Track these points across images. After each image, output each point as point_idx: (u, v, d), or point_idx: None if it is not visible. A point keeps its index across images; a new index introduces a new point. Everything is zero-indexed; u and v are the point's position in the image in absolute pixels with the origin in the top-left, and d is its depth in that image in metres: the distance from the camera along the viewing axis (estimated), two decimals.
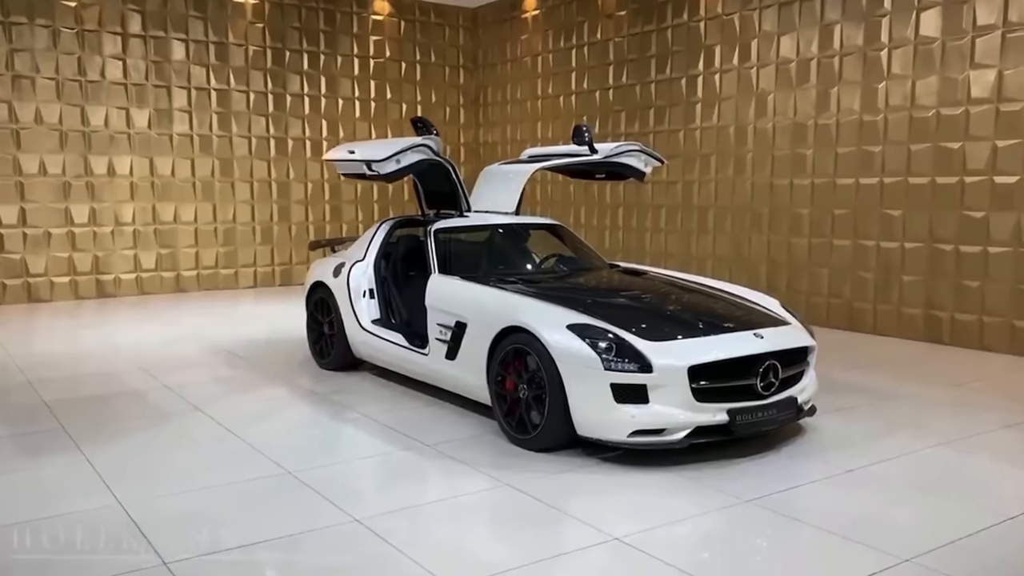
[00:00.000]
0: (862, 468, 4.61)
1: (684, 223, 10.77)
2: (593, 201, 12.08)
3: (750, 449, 4.84)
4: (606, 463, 4.65)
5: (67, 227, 11.14)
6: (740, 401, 4.65)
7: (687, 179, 10.67)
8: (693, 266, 10.57)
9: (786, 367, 4.86)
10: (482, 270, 6.07)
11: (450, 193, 6.60)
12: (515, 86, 13.44)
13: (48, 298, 11.03)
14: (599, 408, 4.54)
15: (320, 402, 5.94)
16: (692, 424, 4.55)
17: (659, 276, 6.20)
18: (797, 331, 5.17)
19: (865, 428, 5.35)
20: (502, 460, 4.72)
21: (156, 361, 7.25)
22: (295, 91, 12.63)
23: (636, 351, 4.53)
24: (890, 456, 4.80)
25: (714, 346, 4.68)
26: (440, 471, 4.59)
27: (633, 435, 4.51)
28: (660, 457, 4.64)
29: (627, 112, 11.43)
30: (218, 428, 5.27)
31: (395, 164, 5.87)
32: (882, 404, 5.96)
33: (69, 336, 8.53)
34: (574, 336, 4.61)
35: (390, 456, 4.81)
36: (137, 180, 11.55)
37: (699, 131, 10.49)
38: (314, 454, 4.82)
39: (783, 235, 9.61)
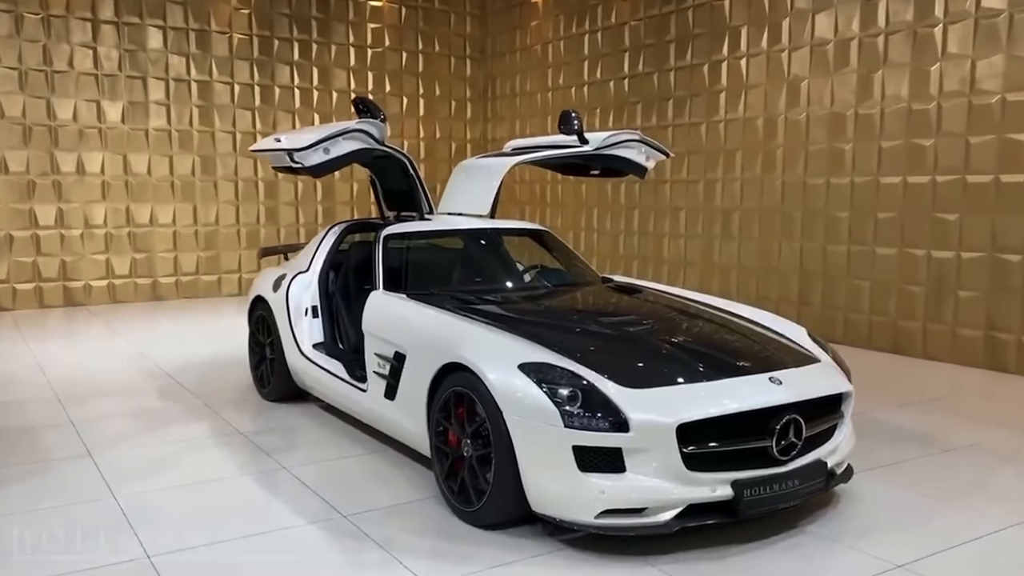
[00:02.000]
0: (916, 562, 3.42)
1: (706, 228, 9.56)
2: (607, 203, 10.92)
3: (763, 530, 3.67)
4: (570, 549, 3.51)
5: (31, 229, 10.25)
6: (749, 469, 3.48)
7: (709, 178, 9.46)
8: (715, 276, 9.37)
9: (812, 422, 3.69)
10: (439, 286, 4.95)
11: (408, 192, 5.52)
12: (524, 77, 12.32)
13: (10, 306, 10.15)
14: (558, 478, 3.41)
15: (239, 447, 4.87)
16: (683, 501, 3.40)
17: (658, 295, 5.04)
18: (828, 372, 3.99)
19: (916, 497, 4.14)
20: (434, 542, 3.61)
21: (79, 386, 6.26)
22: (284, 83, 11.64)
23: (608, 402, 3.39)
24: (954, 542, 3.60)
25: (715, 396, 3.52)
26: (344, 559, 3.48)
27: (604, 515, 3.37)
28: (642, 543, 3.49)
29: (644, 103, 10.25)
30: (97, 484, 4.23)
31: (322, 154, 4.79)
32: (935, 458, 4.75)
33: (1, 352, 7.58)
34: (527, 379, 3.48)
35: (287, 534, 3.70)
36: (109, 179, 10.63)
37: (723, 124, 9.27)
38: (195, 527, 3.74)
39: (818, 242, 8.36)
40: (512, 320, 4.18)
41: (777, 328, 4.42)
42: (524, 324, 4.13)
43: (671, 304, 4.77)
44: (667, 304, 4.75)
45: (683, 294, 5.04)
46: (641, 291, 5.10)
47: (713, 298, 4.97)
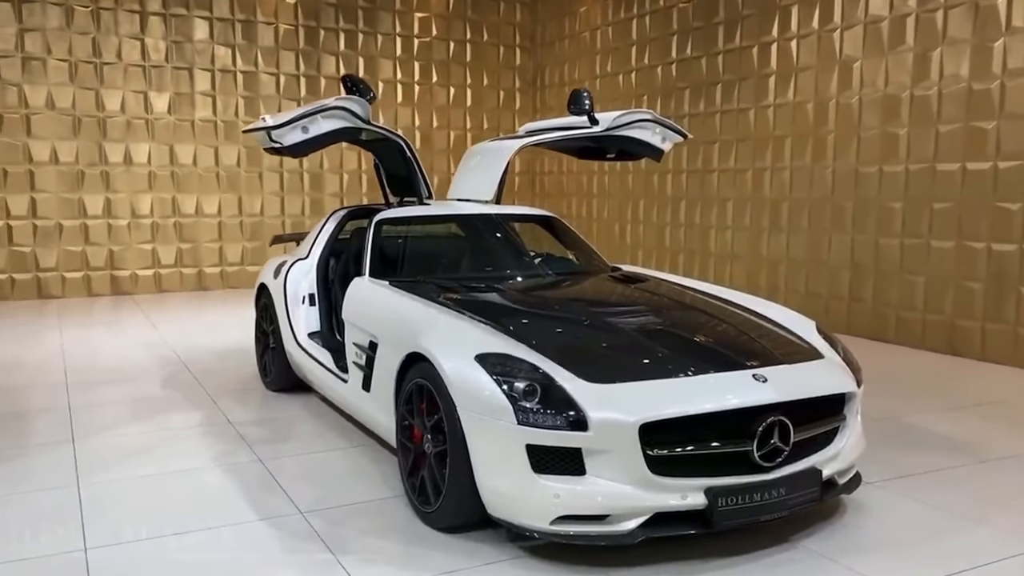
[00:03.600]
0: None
1: (754, 219, 9.07)
2: (653, 194, 10.50)
3: (749, 543, 3.31)
4: (528, 558, 3.22)
5: (80, 219, 10.42)
6: (727, 476, 3.12)
7: (758, 167, 8.97)
8: (763, 271, 8.88)
9: (805, 425, 3.31)
10: (428, 274, 4.70)
11: (406, 176, 5.29)
12: (573, 66, 11.98)
13: (59, 294, 10.35)
14: (511, 479, 3.12)
15: (223, 437, 4.72)
16: (649, 509, 3.07)
17: (660, 285, 4.68)
18: (829, 370, 3.59)
19: (934, 512, 3.70)
20: (385, 544, 3.36)
21: (92, 373, 6.24)
22: (330, 73, 11.57)
23: (567, 398, 3.08)
24: (966, 565, 3.17)
25: (688, 393, 3.17)
26: (284, 560, 3.26)
27: (559, 522, 3.06)
28: (606, 553, 3.17)
29: (691, 89, 9.80)
30: (67, 472, 4.13)
31: (300, 133, 4.59)
32: (968, 469, 4.27)
33: (32, 338, 7.67)
34: (482, 371, 3.20)
35: (235, 530, 3.50)
36: (155, 169, 10.74)
37: (772, 109, 8.77)
38: (144, 520, 3.57)
39: (870, 234, 7.81)
40: (487, 308, 3.90)
41: (783, 322, 4.02)
42: (500, 313, 3.85)
43: (669, 295, 4.41)
44: (664, 295, 4.39)
45: (691, 285, 4.67)
46: (645, 280, 4.74)
47: (723, 289, 4.59)
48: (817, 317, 8.18)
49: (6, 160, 9.98)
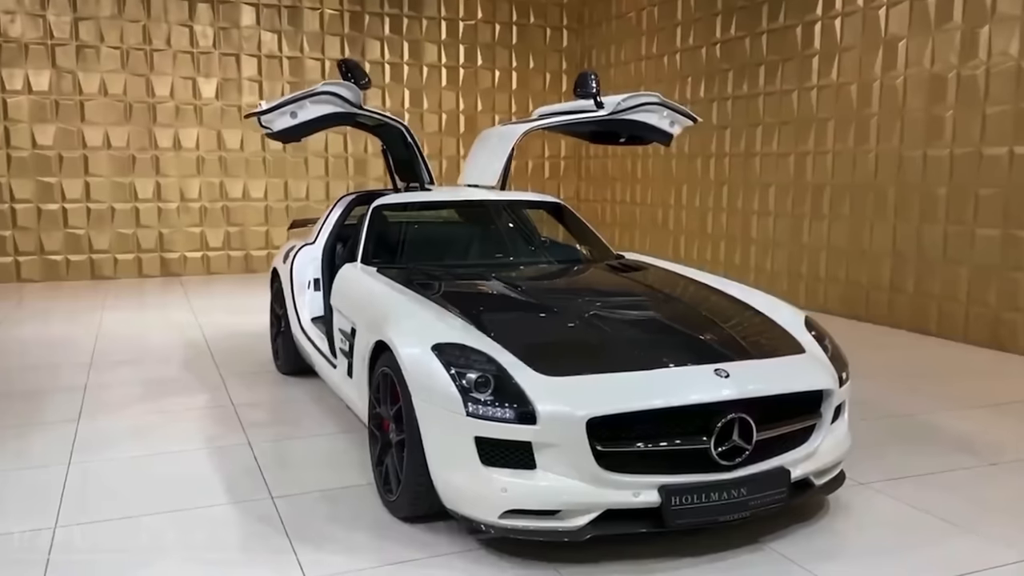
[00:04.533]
0: None
1: (795, 205, 8.77)
2: (696, 178, 10.26)
3: (714, 543, 3.20)
4: (481, 551, 3.18)
5: (131, 202, 10.74)
6: (683, 473, 3.01)
7: (800, 150, 8.66)
8: (804, 259, 8.60)
9: (773, 423, 3.16)
10: (420, 260, 4.67)
11: (408, 161, 5.26)
12: (619, 47, 11.76)
13: (112, 275, 10.70)
14: (461, 471, 3.07)
15: (220, 419, 4.80)
16: (599, 506, 2.98)
17: (661, 274, 4.55)
18: (806, 366, 3.42)
19: (924, 516, 3.51)
20: (344, 532, 3.35)
21: (118, 353, 6.43)
22: (374, 58, 11.63)
23: (518, 391, 3.01)
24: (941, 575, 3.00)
25: (642, 387, 3.06)
26: (238, 544, 3.27)
27: (508, 516, 3.00)
28: (563, 550, 3.10)
29: (735, 70, 9.52)
30: (62, 451, 4.25)
31: (289, 119, 4.58)
32: (976, 472, 4.04)
33: (75, 318, 7.94)
34: (436, 361, 3.15)
35: (201, 513, 3.53)
36: (204, 154, 10.98)
37: (815, 90, 8.45)
38: (118, 500, 3.64)
39: (912, 222, 7.47)
40: (461, 297, 3.86)
41: (772, 314, 3.85)
42: (472, 302, 3.80)
43: (658, 285, 4.26)
44: (652, 285, 4.24)
45: (690, 274, 4.49)
46: (641, 269, 4.61)
47: (721, 280, 4.39)
48: (857, 308, 7.93)
49: (62, 145, 10.33)
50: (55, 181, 10.36)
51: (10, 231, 10.24)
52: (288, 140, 4.78)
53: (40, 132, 10.23)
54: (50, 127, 10.26)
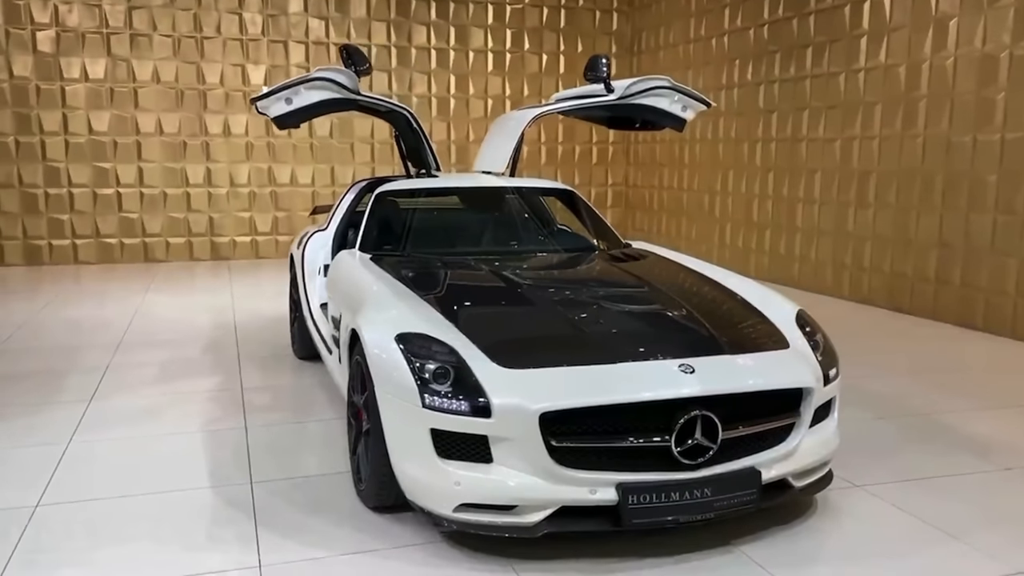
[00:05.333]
0: None
1: (841, 192, 8.45)
2: (743, 164, 9.98)
3: (682, 544, 3.10)
4: (441, 543, 3.14)
5: (182, 187, 11.00)
6: (643, 471, 2.92)
7: (847, 135, 8.34)
8: (848, 249, 8.30)
9: (743, 421, 3.04)
10: (419, 248, 4.63)
11: (415, 148, 5.22)
12: (668, 29, 11.50)
13: (164, 258, 11.00)
14: (418, 463, 3.03)
15: (225, 403, 4.87)
16: (554, 502, 2.91)
17: (659, 265, 4.41)
18: (785, 363, 3.27)
19: (915, 523, 3.33)
20: (311, 520, 3.35)
21: (147, 335, 6.60)
22: (420, 44, 11.63)
23: (475, 382, 2.95)
24: None
25: (600, 382, 2.97)
26: (204, 528, 3.30)
27: (463, 509, 2.95)
28: (518, 543, 3.04)
29: (782, 52, 9.20)
30: (66, 430, 4.38)
31: (284, 104, 4.57)
32: (984, 477, 3.82)
33: (117, 299, 8.18)
34: (397, 350, 3.11)
35: (178, 496, 3.58)
36: (252, 140, 11.17)
37: (863, 73, 8.11)
38: (105, 480, 3.73)
39: (960, 211, 7.12)
40: (441, 286, 3.81)
41: (762, 307, 3.69)
42: (451, 291, 3.76)
43: (648, 276, 4.11)
44: (642, 276, 4.08)
45: (691, 265, 4.33)
46: (640, 259, 4.49)
47: (721, 271, 4.22)
48: (901, 300, 7.61)
49: (116, 131, 10.64)
50: (110, 166, 10.69)
51: (67, 215, 10.61)
52: (286, 126, 4.79)
53: (96, 119, 10.55)
54: (105, 114, 10.57)
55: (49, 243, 10.62)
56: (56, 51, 10.34)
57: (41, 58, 10.30)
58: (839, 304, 8.21)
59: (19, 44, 10.21)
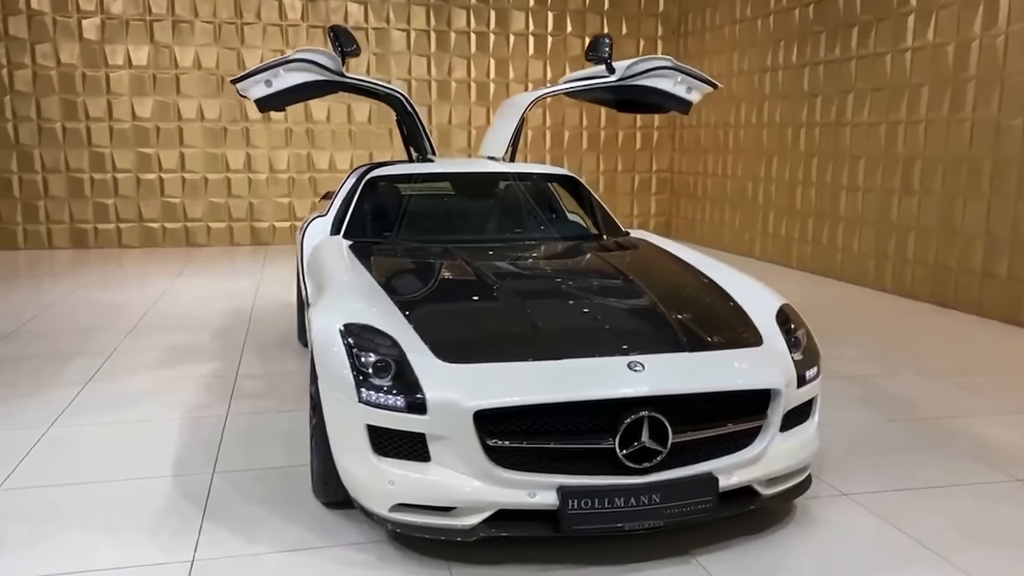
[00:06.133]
0: None
1: (885, 179, 8.03)
2: (786, 149, 9.59)
3: (635, 551, 2.91)
4: (385, 544, 3.02)
5: (223, 173, 11.12)
6: (586, 475, 2.74)
7: (892, 119, 7.91)
8: (892, 239, 7.89)
9: (700, 423, 2.83)
10: (403, 235, 4.50)
11: (411, 132, 5.09)
12: (715, 10, 11.12)
13: (205, 243, 11.15)
14: (355, 460, 2.91)
15: (215, 389, 4.84)
16: (490, 505, 2.76)
17: (650, 253, 4.20)
18: (754, 362, 3.04)
19: (898, 536, 3.08)
20: (260, 513, 3.27)
21: (162, 319, 6.65)
22: (460, 27, 11.50)
23: (413, 377, 2.81)
24: None
25: (542, 379, 2.79)
26: (149, 519, 3.24)
27: (398, 509, 2.83)
28: (457, 546, 2.90)
29: (827, 32, 8.78)
30: (51, 414, 4.40)
31: (264, 87, 4.48)
32: (988, 488, 3.52)
33: (145, 283, 8.29)
34: (340, 342, 2.99)
35: (136, 485, 3.54)
36: (292, 125, 11.21)
37: (909, 52, 7.67)
38: (73, 465, 3.71)
39: (1008, 199, 6.67)
40: (404, 275, 3.69)
41: (746, 303, 3.43)
42: (412, 280, 3.64)
43: (628, 268, 3.88)
44: (621, 267, 3.84)
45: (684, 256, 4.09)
46: (633, 248, 4.28)
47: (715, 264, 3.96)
48: (945, 294, 7.19)
49: (159, 117, 10.80)
50: (153, 152, 10.86)
51: (112, 199, 10.83)
52: (268, 108, 4.70)
53: (139, 105, 10.72)
54: (148, 100, 10.73)
55: (94, 227, 10.85)
56: (101, 38, 10.53)
57: (87, 45, 10.50)
58: (880, 298, 7.81)
59: (66, 32, 10.42)
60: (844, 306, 7.45)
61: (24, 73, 10.40)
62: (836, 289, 8.26)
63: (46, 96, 10.48)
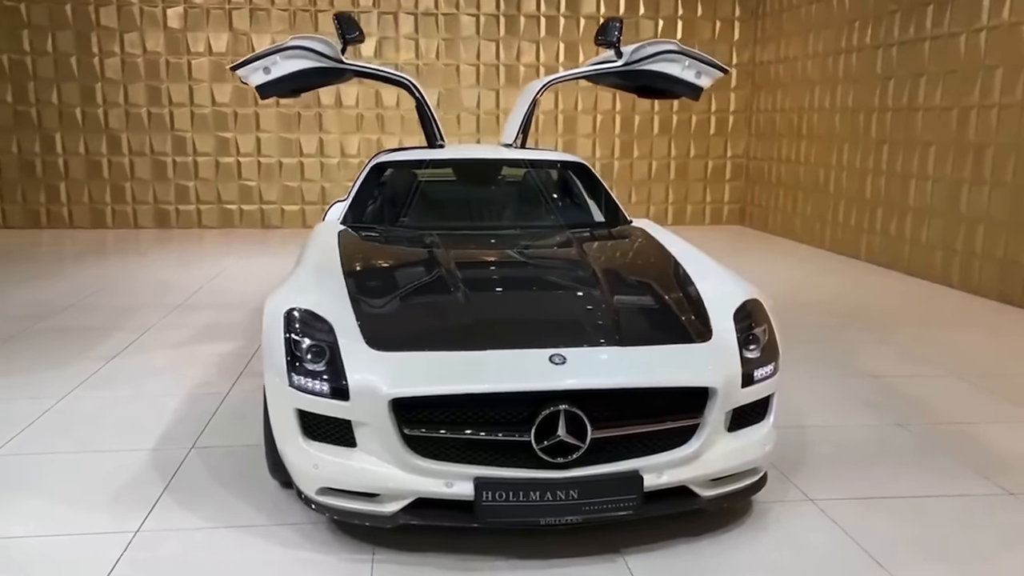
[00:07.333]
0: None
1: (955, 168, 7.56)
2: (858, 135, 9.14)
3: (565, 546, 2.86)
4: (323, 526, 3.06)
5: (297, 157, 11.44)
6: (503, 467, 2.71)
7: (964, 104, 7.43)
8: (960, 232, 7.45)
9: (628, 420, 2.76)
10: (404, 222, 4.53)
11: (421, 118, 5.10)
12: None
13: (279, 225, 11.52)
14: (287, 442, 2.97)
15: (223, 369, 4.99)
16: (409, 493, 2.77)
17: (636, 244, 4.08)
18: (692, 358, 2.92)
19: (852, 550, 2.92)
20: (217, 490, 3.38)
21: (209, 298, 6.93)
22: (530, 11, 11.43)
23: (340, 363, 2.84)
24: None
25: (462, 369, 2.78)
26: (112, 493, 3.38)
27: (325, 493, 2.87)
28: (385, 532, 2.92)
29: (902, 12, 8.31)
30: (68, 386, 4.63)
31: (263, 74, 4.55)
32: (980, 502, 3.29)
33: (204, 263, 8.63)
34: (281, 327, 3.05)
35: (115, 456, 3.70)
36: (363, 111, 11.43)
37: (984, 32, 7.18)
38: (72, 437, 3.91)
39: None
40: (368, 262, 3.73)
41: (708, 296, 3.28)
42: (372, 269, 3.67)
43: (603, 257, 3.80)
44: (591, 257, 3.71)
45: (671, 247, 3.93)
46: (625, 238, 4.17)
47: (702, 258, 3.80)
48: (1013, 292, 6.76)
49: (236, 103, 11.19)
50: (231, 136, 11.27)
51: (192, 181, 11.32)
52: (270, 95, 4.79)
53: (218, 91, 11.14)
54: (227, 86, 11.13)
55: (176, 208, 11.37)
56: (184, 27, 10.98)
57: (171, 34, 10.98)
58: (944, 294, 7.37)
59: (152, 21, 10.92)
60: (902, 301, 7.07)
61: (113, 61, 10.96)
62: (899, 283, 7.85)
63: (133, 83, 11.03)
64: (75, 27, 10.82)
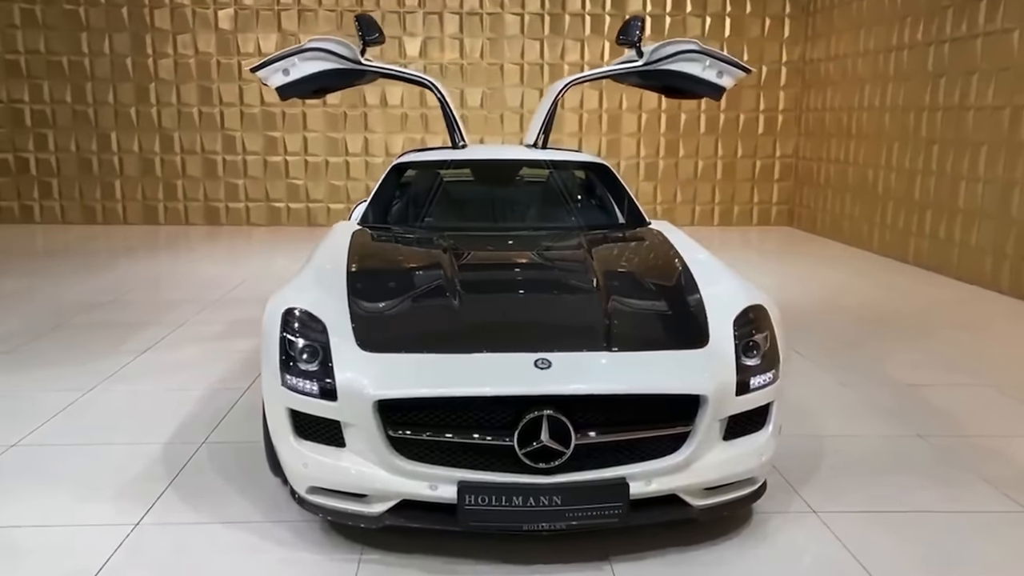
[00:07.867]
0: None
1: (1006, 169, 7.29)
2: (908, 135, 8.87)
3: (555, 550, 2.84)
4: (317, 523, 3.09)
5: (342, 156, 11.58)
6: (487, 471, 2.70)
7: (1017, 103, 7.16)
8: (1010, 236, 7.19)
9: (616, 426, 2.72)
10: (421, 224, 4.54)
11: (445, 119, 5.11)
12: None
13: (325, 223, 11.65)
14: (281, 441, 3.00)
15: (239, 364, 5.06)
16: (395, 494, 2.78)
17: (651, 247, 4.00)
18: (684, 365, 2.86)
19: (848, 566, 2.83)
20: (213, 484, 3.43)
21: (246, 293, 7.07)
22: (575, 10, 11.37)
23: (329, 364, 2.86)
24: None
25: (449, 372, 2.77)
26: (114, 486, 3.45)
27: (314, 492, 2.90)
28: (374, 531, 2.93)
29: (954, 8, 8.04)
30: (92, 379, 4.75)
31: (282, 76, 4.60)
32: (994, 520, 3.16)
33: (247, 260, 8.80)
34: (277, 326, 3.08)
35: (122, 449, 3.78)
36: (407, 111, 11.51)
37: None
38: (87, 429, 4.02)
39: None
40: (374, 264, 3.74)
41: (710, 301, 3.21)
42: (374, 271, 3.66)
43: (610, 260, 3.76)
44: (596, 260, 3.63)
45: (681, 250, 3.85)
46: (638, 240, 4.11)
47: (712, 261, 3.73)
48: None
49: (284, 103, 11.30)
50: (279, 136, 11.47)
51: (241, 180, 11.54)
52: (290, 96, 4.85)
53: (268, 91, 11.31)
54: None
55: (226, 205, 11.61)
56: (234, 28, 11.20)
57: (222, 35, 11.21)
58: (992, 300, 7.11)
59: (203, 23, 11.17)
60: (947, 307, 6.83)
61: (167, 62, 11.24)
62: (947, 288, 7.59)
63: (185, 83, 11.29)
64: (131, 29, 11.12)
